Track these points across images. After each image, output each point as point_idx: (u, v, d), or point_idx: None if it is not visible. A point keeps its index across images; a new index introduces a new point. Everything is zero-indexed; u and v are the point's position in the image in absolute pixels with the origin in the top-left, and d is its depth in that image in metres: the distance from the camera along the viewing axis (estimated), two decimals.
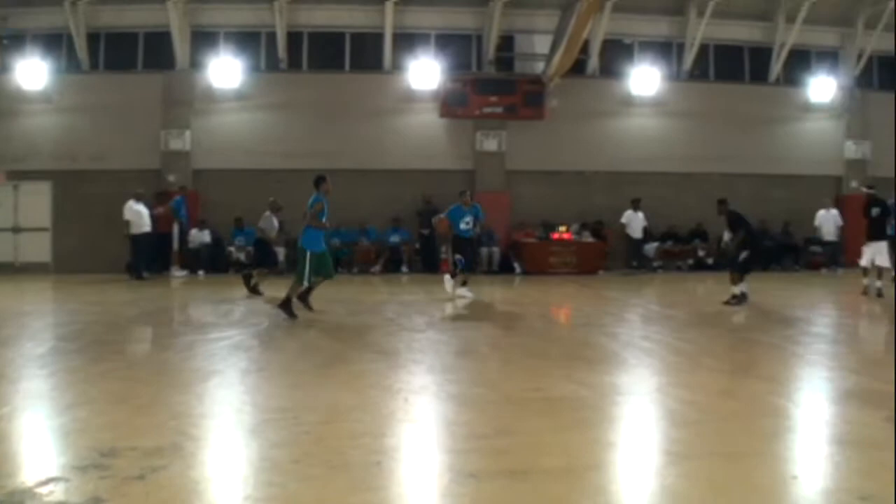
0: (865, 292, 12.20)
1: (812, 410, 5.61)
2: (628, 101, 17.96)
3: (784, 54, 18.40)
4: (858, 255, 13.07)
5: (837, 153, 19.02)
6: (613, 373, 6.72)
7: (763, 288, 11.99)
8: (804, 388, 6.53)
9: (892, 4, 17.35)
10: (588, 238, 17.15)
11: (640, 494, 3.71)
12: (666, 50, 18.47)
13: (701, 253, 17.91)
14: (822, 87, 18.59)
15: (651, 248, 17.71)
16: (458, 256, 11.71)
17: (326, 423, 4.74)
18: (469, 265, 11.91)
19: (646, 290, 14.47)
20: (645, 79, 17.72)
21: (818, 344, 8.51)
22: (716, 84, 18.55)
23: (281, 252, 14.69)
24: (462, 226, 11.77)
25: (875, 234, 12.42)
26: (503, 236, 17.23)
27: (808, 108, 18.82)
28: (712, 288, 14.39)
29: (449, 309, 11.01)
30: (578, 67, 17.44)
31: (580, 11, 15.40)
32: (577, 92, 17.35)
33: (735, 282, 10.99)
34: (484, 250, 16.79)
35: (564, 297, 13.33)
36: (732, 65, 18.85)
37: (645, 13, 17.92)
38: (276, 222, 12.63)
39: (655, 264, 17.62)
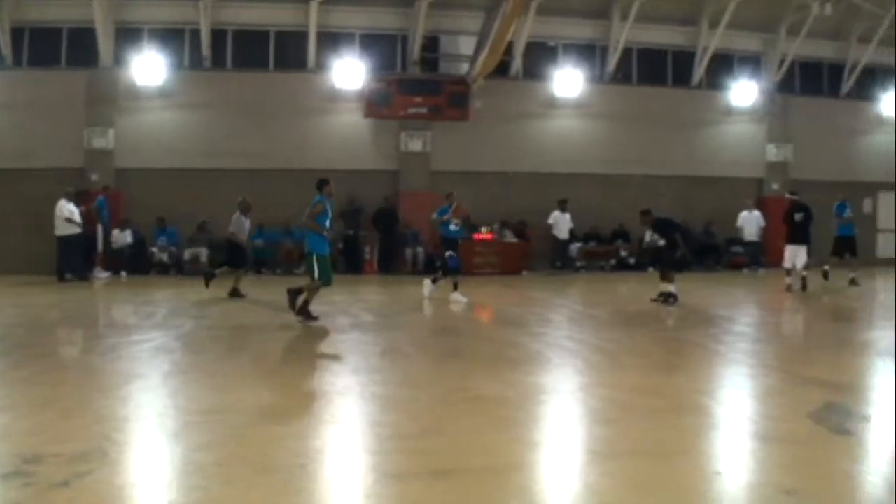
0: (789, 290, 14.10)
1: (735, 407, 6.14)
2: (552, 103, 19.42)
3: (707, 58, 20.01)
4: (779, 255, 15.01)
5: (759, 156, 20.89)
6: (537, 372, 7.30)
7: (686, 288, 13.20)
8: (727, 386, 7.19)
9: (814, 11, 20.12)
10: (511, 238, 18.87)
11: (564, 493, 4.03)
12: (589, 53, 19.95)
13: (623, 253, 19.56)
14: (745, 91, 20.28)
15: (574, 248, 19.13)
16: (449, 253, 12.70)
17: (251, 426, 5.06)
18: (459, 266, 12.75)
19: (569, 291, 15.70)
20: (568, 81, 19.15)
21: (740, 342, 9.40)
22: (639, 87, 20.10)
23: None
24: (452, 227, 12.76)
25: (798, 238, 14.36)
26: (428, 237, 18.55)
27: (730, 111, 20.56)
28: (635, 288, 15.92)
29: (373, 309, 11.68)
30: (502, 69, 18.74)
31: (505, 13, 16.63)
32: (501, 93, 18.67)
33: (669, 281, 12.28)
34: (408, 251, 18.22)
35: (488, 297, 14.12)
36: (656, 68, 20.39)
37: (569, 16, 19.33)
38: (246, 222, 13.45)
39: (578, 264, 19.04)
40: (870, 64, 21.78)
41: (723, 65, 20.90)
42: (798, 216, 14.51)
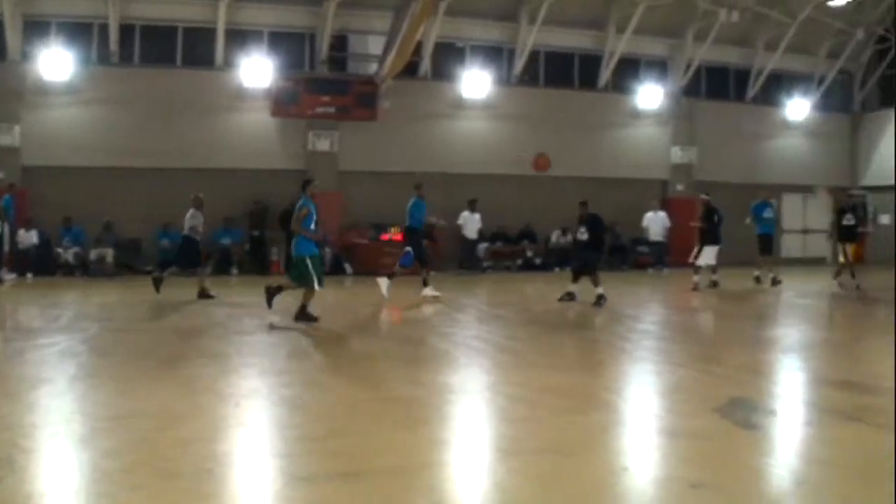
0: (696, 288, 16.82)
1: (641, 404, 7.14)
2: (460, 104, 22.71)
3: (614, 62, 23.60)
4: (684, 254, 18.37)
5: (664, 158, 24.62)
6: (446, 372, 8.27)
7: (591, 287, 14.76)
8: (633, 383, 8.29)
9: (721, 17, 23.43)
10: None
11: (473, 491, 4.63)
12: (497, 54, 23.32)
13: (529, 253, 22.96)
14: (651, 95, 23.97)
15: (482, 248, 22.36)
16: (408, 250, 14.74)
17: (158, 430, 5.56)
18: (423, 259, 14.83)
19: (477, 291, 17.48)
20: (476, 82, 22.46)
21: (647, 340, 10.98)
22: (546, 89, 23.64)
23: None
24: (423, 217, 14.80)
25: (712, 238, 17.45)
26: (335, 237, 21.32)
27: (636, 114, 24.22)
28: (541, 287, 18.33)
29: (281, 310, 12.46)
30: (411, 69, 21.93)
31: (414, 14, 19.27)
32: (409, 93, 21.84)
33: (596, 282, 14.16)
34: None
35: (396, 297, 15.11)
36: (563, 71, 23.95)
37: (477, 17, 22.63)
38: (201, 218, 14.81)
39: (485, 264, 22.30)
40: (776, 70, 25.79)
41: (629, 68, 24.61)
42: (714, 217, 17.66)
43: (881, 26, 26.29)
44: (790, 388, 8.28)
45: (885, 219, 26.43)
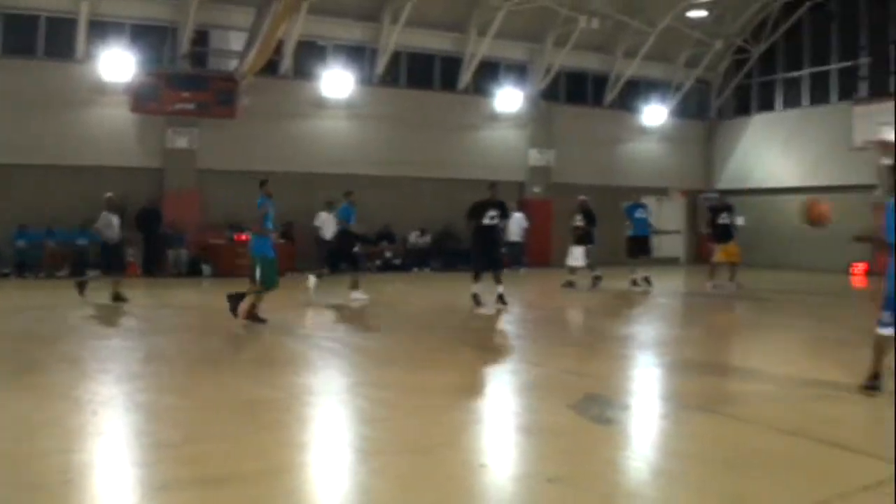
0: (570, 284, 20.88)
1: (498, 402, 8.63)
2: (321, 104, 27.28)
3: (474, 64, 28.90)
4: (541, 255, 23.96)
5: (522, 160, 30.24)
6: (303, 374, 9.57)
7: (451, 285, 18.01)
8: (490, 381, 9.79)
9: (581, 24, 28.30)
10: (277, 240, 26.08)
11: (334, 493, 5.52)
12: (359, 54, 28.15)
13: (388, 254, 27.71)
14: (510, 98, 29.46)
15: None
16: (355, 250, 18.04)
17: (12, 441, 6.25)
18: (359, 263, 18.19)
19: (336, 291, 18.49)
20: (337, 82, 27.08)
21: (503, 339, 13.18)
22: (407, 90, 28.72)
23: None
24: (353, 222, 17.94)
25: (585, 239, 21.82)
26: (192, 238, 24.46)
27: (495, 116, 29.72)
28: (401, 288, 21.45)
29: (136, 313, 14.54)
30: (272, 67, 26.30)
31: (276, 11, 22.83)
32: (270, 92, 26.15)
33: (499, 281, 16.46)
34: (171, 252, 24.50)
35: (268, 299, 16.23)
36: (424, 72, 29.17)
37: (340, 17, 27.20)
38: (115, 221, 16.41)
39: (343, 266, 26.58)
40: (634, 77, 31.96)
41: (490, 71, 30.16)
42: (578, 218, 22.17)
43: (739, 38, 32.99)
44: (645, 383, 10.18)
45: (739, 220, 32.12)
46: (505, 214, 18.57)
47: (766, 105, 33.58)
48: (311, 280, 17.85)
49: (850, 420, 7.89)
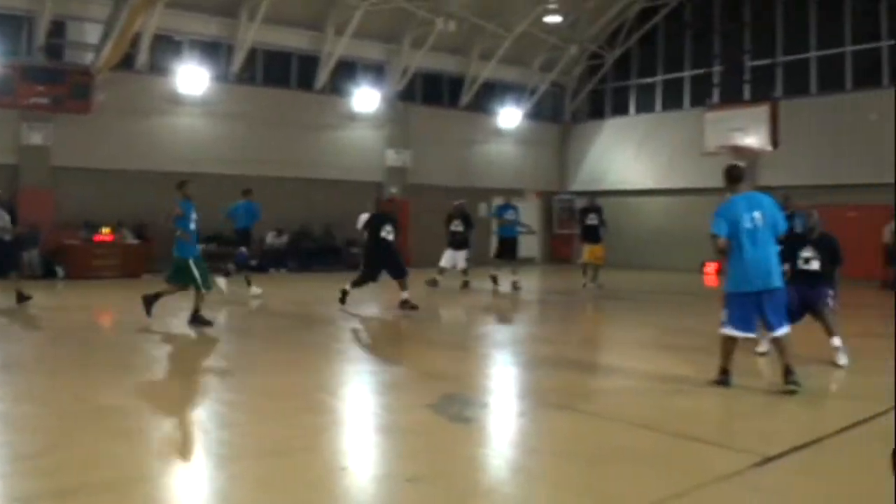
0: (433, 284, 23.26)
1: (358, 403, 9.67)
2: (176, 100, 30.18)
3: (332, 64, 32.87)
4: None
5: (379, 160, 34.46)
6: (161, 379, 10.55)
7: (309, 286, 20.24)
8: (349, 383, 10.94)
9: (437, 26, 32.05)
10: (131, 240, 28.25)
11: (193, 500, 6.13)
12: (216, 50, 31.52)
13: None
14: (367, 98, 33.58)
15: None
16: (242, 250, 20.79)
17: None
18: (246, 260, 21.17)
19: (191, 293, 17.68)
20: (193, 78, 30.02)
21: (362, 340, 14.36)
22: (264, 88, 32.33)
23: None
24: (249, 220, 20.88)
25: (456, 243, 24.07)
26: (46, 238, 25.76)
27: (352, 116, 33.81)
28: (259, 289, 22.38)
29: None
30: (128, 61, 28.90)
31: (134, 3, 25.14)
32: (126, 87, 28.68)
33: (404, 287, 18.03)
34: (25, 254, 24.04)
35: (108, 301, 18.50)
36: (281, 70, 32.94)
37: (197, 11, 30.21)
38: (5, 216, 17.38)
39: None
40: (490, 79, 36.89)
41: (347, 71, 34.25)
42: (456, 223, 24.45)
43: (594, 44, 38.48)
44: (504, 381, 11.33)
45: None
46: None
47: (621, 109, 39.19)
48: (222, 281, 20.13)
49: (704, 414, 9.11)
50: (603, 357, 13.92)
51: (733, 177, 10.36)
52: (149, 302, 15.06)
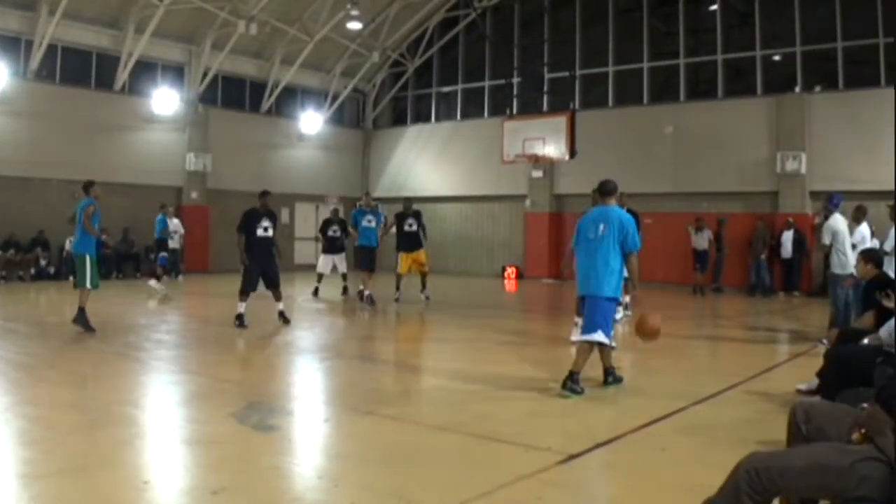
0: (316, 293, 24.87)
1: (159, 414, 9.69)
2: None
3: (131, 64, 33.66)
4: (200, 261, 29.73)
5: (179, 164, 35.40)
6: None
7: (105, 296, 19.08)
8: (150, 394, 11.06)
9: (239, 29, 33.19)
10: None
11: None
12: (15, 45, 31.61)
13: (43, 262, 31.04)
14: (167, 100, 34.54)
15: None
16: (163, 255, 23.85)
17: None
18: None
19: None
20: None
21: (161, 349, 14.52)
22: (63, 87, 32.73)
23: None
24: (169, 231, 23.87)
25: (335, 248, 25.82)
26: None
27: (152, 118, 34.67)
28: (55, 297, 23.89)
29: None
30: None
31: None
32: None
33: (278, 298, 18.16)
34: None
35: None
36: (81, 69, 33.49)
37: None
38: None
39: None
40: (291, 84, 38.53)
41: (147, 71, 35.18)
42: (334, 228, 26.02)
43: (396, 52, 40.67)
44: (307, 388, 11.79)
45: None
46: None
47: (423, 117, 41.55)
48: (155, 283, 23.27)
49: (504, 416, 9.50)
50: (408, 360, 14.80)
51: (604, 191, 11.20)
52: (83, 321, 15.66)
